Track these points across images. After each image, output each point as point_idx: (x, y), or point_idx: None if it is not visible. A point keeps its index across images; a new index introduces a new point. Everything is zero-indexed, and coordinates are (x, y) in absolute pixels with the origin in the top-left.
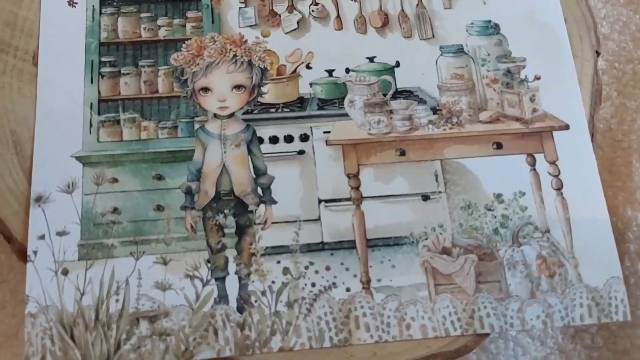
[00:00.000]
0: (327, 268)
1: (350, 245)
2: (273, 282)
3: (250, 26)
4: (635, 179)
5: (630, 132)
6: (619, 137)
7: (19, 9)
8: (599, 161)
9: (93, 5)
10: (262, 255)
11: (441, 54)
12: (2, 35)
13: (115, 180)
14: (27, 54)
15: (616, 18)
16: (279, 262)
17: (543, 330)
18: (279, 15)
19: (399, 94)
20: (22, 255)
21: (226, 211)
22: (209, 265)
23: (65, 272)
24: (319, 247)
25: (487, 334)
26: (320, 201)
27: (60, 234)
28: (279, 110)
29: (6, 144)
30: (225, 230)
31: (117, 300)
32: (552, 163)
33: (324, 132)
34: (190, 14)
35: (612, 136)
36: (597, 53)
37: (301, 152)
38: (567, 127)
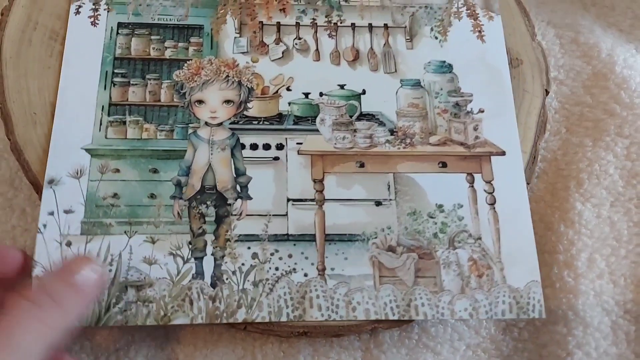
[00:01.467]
0: (290, 256)
1: (311, 238)
2: (243, 264)
3: (243, 53)
4: (570, 201)
5: (572, 163)
6: (562, 166)
7: (69, 5)
8: (543, 185)
9: (112, 27)
10: (236, 241)
11: (401, 86)
12: (54, 25)
13: (117, 170)
14: None
15: (571, 67)
16: (249, 247)
17: (478, 322)
18: (268, 46)
19: (363, 116)
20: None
21: (208, 202)
22: (190, 246)
23: (68, 244)
24: (284, 238)
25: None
26: (288, 200)
27: (67, 211)
28: (261, 122)
29: (45, 113)
30: (206, 218)
31: (110, 270)
32: (488, 182)
33: (297, 143)
34: (193, 40)
35: (556, 165)
36: (546, 91)
37: (276, 159)
38: (503, 153)
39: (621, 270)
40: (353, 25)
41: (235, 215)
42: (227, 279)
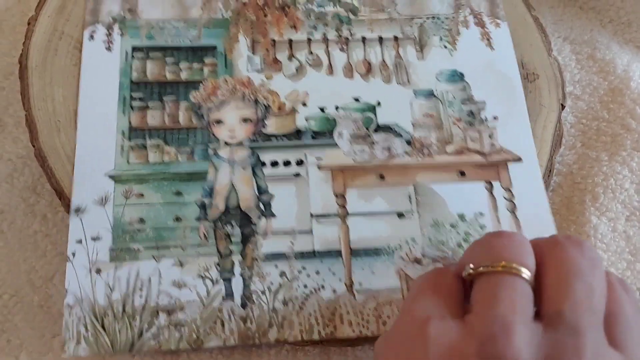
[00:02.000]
0: (317, 272)
1: (337, 253)
2: (271, 283)
3: (257, 71)
4: (586, 215)
5: (588, 177)
6: (577, 180)
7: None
8: (559, 198)
9: (126, 51)
10: (263, 260)
11: (415, 97)
12: (79, 36)
13: (141, 195)
14: None
15: (588, 82)
16: (276, 266)
17: None
18: (281, 62)
19: (379, 128)
20: (68, 208)
21: (233, 222)
22: (218, 267)
23: (98, 271)
24: (311, 255)
25: None
26: (312, 216)
27: (94, 239)
28: (279, 139)
29: (69, 121)
30: (232, 239)
31: (140, 296)
32: (507, 189)
33: (317, 158)
34: (207, 60)
35: (572, 179)
36: (562, 106)
37: (297, 175)
38: (520, 159)
39: (637, 284)
40: (363, 39)
41: (261, 234)
42: (257, 298)
